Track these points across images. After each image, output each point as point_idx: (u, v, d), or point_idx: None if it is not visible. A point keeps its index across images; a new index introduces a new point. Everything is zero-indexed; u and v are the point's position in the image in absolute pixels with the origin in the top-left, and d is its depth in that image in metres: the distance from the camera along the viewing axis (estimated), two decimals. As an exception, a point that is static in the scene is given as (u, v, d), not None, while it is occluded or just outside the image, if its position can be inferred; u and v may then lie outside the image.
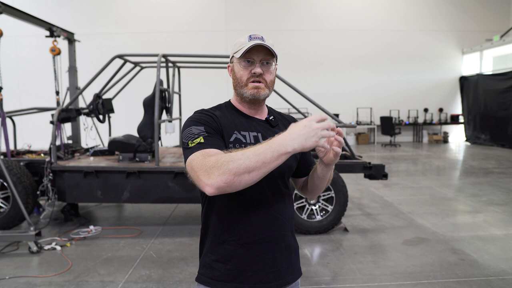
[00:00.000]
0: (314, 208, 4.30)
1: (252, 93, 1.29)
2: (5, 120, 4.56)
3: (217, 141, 1.19)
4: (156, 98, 4.29)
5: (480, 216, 4.94)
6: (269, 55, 1.28)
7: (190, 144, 1.16)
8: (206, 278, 1.30)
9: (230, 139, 1.26)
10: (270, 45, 1.28)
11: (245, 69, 1.29)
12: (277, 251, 1.30)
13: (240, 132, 1.29)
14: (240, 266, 1.26)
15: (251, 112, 1.36)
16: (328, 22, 13.68)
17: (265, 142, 1.05)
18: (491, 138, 12.90)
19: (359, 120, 14.03)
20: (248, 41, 1.27)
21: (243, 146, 1.25)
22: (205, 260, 1.32)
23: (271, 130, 1.34)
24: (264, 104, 1.39)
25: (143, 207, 5.48)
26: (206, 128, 1.21)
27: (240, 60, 1.29)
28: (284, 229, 1.32)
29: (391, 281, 3.19)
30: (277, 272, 1.30)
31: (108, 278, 3.24)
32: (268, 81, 1.30)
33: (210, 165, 1.03)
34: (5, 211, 4.27)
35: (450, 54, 14.30)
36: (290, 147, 1.01)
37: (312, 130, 1.01)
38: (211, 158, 1.06)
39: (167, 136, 5.20)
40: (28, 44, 12.33)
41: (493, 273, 3.28)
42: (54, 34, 5.42)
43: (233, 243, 1.27)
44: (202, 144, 1.15)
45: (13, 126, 5.60)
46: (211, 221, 1.32)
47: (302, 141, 1.01)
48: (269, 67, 1.30)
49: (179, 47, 12.50)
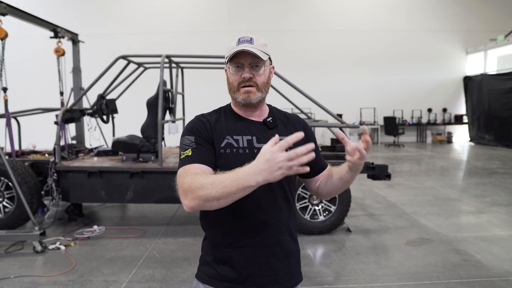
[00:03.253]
0: (317, 209, 4.30)
1: (244, 98, 1.30)
2: (10, 120, 4.60)
3: (203, 153, 1.25)
4: (159, 98, 4.31)
5: (483, 217, 4.92)
6: (257, 58, 1.27)
7: (181, 155, 1.26)
8: (203, 275, 1.33)
9: (221, 144, 1.29)
10: (260, 46, 1.27)
11: (235, 74, 1.30)
12: (271, 255, 1.29)
13: (233, 136, 1.30)
14: (235, 268, 1.27)
15: (248, 115, 1.36)
16: (331, 22, 13.66)
17: (233, 172, 1.05)
18: (495, 139, 12.83)
19: (363, 120, 14.00)
20: (236, 45, 1.28)
21: (234, 151, 1.28)
22: (204, 257, 1.35)
23: (268, 132, 1.33)
24: (263, 105, 1.39)
25: (146, 207, 5.50)
26: (196, 138, 1.27)
27: (230, 65, 1.31)
28: (279, 233, 1.31)
29: (394, 281, 3.19)
30: (272, 276, 1.29)
31: (112, 278, 3.26)
32: (259, 83, 1.30)
33: (185, 187, 1.11)
34: (10, 211, 4.30)
35: (454, 54, 14.24)
36: (253, 181, 1.00)
37: (275, 164, 0.96)
38: (187, 179, 1.12)
39: (170, 136, 5.21)
40: (32, 45, 12.40)
41: (496, 274, 3.27)
42: (58, 35, 5.45)
43: (228, 246, 1.29)
44: (188, 158, 1.23)
45: (17, 126, 5.64)
46: (206, 225, 1.35)
47: (265, 175, 0.98)
48: (258, 69, 1.29)
49: (182, 47, 12.52)
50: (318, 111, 11.60)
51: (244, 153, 1.28)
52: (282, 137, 1.33)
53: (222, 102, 1.48)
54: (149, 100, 4.84)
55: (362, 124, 13.57)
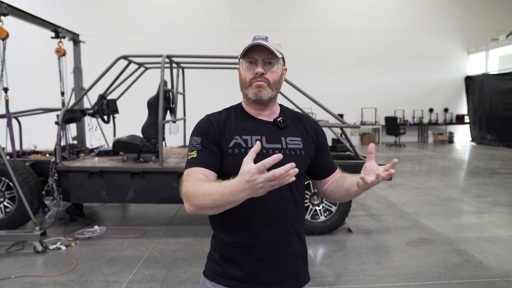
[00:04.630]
0: (318, 209, 4.30)
1: (255, 93, 1.29)
2: (11, 120, 4.60)
3: (207, 156, 1.26)
4: (160, 98, 4.31)
5: (485, 217, 4.91)
6: (271, 55, 1.27)
7: (188, 156, 1.29)
8: (210, 272, 1.34)
9: (229, 144, 1.29)
10: (275, 45, 1.27)
11: (248, 69, 1.30)
12: (278, 255, 1.29)
13: (242, 136, 1.30)
14: (242, 267, 1.28)
15: (258, 114, 1.36)
16: (333, 22, 13.64)
17: (220, 186, 1.05)
18: (497, 138, 12.80)
19: (364, 120, 13.99)
20: (251, 42, 1.28)
21: (243, 151, 1.27)
22: (212, 255, 1.36)
23: (278, 132, 1.33)
24: (275, 104, 1.38)
25: (147, 207, 5.50)
26: (203, 140, 1.29)
27: (243, 61, 1.30)
28: (286, 234, 1.31)
29: (395, 282, 3.18)
30: (279, 276, 1.29)
31: (112, 278, 3.26)
32: (271, 80, 1.29)
33: (184, 193, 1.17)
34: (11, 211, 4.31)
35: (455, 53, 14.21)
36: (239, 198, 1.02)
37: (256, 185, 0.96)
38: (187, 185, 1.18)
39: (171, 136, 5.21)
40: (33, 45, 12.41)
41: (498, 274, 3.26)
42: (59, 35, 5.46)
43: (235, 245, 1.29)
44: (193, 160, 1.26)
45: (18, 126, 5.65)
46: (214, 224, 1.36)
47: (249, 193, 0.99)
48: (271, 66, 1.29)
49: (183, 47, 12.52)
50: (319, 111, 11.59)
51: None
52: (292, 137, 1.34)
53: (222, 102, 1.48)
54: (150, 100, 4.84)
55: (363, 124, 13.56)
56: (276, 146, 1.30)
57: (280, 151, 1.29)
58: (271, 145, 1.30)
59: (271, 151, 1.29)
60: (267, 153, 1.28)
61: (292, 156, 1.30)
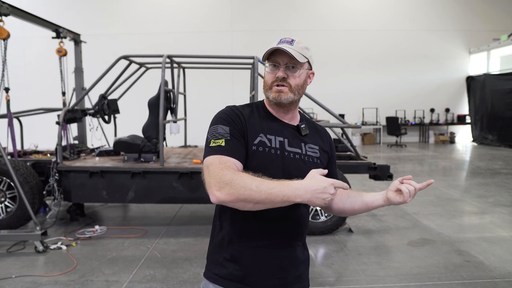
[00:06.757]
0: (319, 209, 4.29)
1: (274, 97, 1.28)
2: (12, 120, 4.61)
3: (237, 146, 1.21)
4: (161, 98, 4.31)
5: (486, 218, 4.90)
6: (294, 60, 1.25)
7: (211, 143, 1.20)
8: (213, 274, 1.31)
9: (254, 141, 1.26)
10: (300, 48, 1.26)
11: (270, 72, 1.29)
12: (285, 259, 1.30)
13: (267, 135, 1.29)
14: (247, 268, 1.27)
15: (280, 116, 1.35)
16: (334, 22, 13.64)
17: (279, 182, 1.09)
18: (498, 139, 12.78)
19: (365, 120, 13.98)
20: (276, 45, 1.27)
21: (267, 150, 1.26)
22: (215, 256, 1.32)
23: (299, 138, 1.33)
24: (295, 108, 1.37)
25: (148, 207, 5.51)
26: (231, 129, 1.23)
27: (267, 63, 1.30)
28: (294, 238, 1.32)
29: (395, 282, 3.17)
30: (283, 279, 1.29)
31: (113, 278, 3.26)
32: (293, 85, 1.28)
33: (225, 180, 1.08)
34: (11, 210, 4.31)
35: (456, 53, 14.19)
36: (299, 198, 1.08)
37: (326, 193, 1.08)
38: (228, 172, 1.10)
39: (172, 136, 5.21)
40: (35, 45, 12.44)
41: (499, 275, 3.25)
42: (60, 36, 5.47)
43: (242, 245, 1.28)
44: (222, 148, 1.18)
45: (20, 126, 5.65)
46: (224, 218, 1.32)
47: (310, 197, 1.08)
48: (294, 71, 1.28)
49: (185, 47, 12.53)
50: (320, 111, 11.58)
51: (275, 154, 1.27)
52: (311, 145, 1.35)
53: (223, 102, 1.47)
54: (151, 100, 4.84)
55: (364, 124, 13.54)
56: (297, 151, 1.30)
57: (300, 156, 1.30)
58: (293, 149, 1.30)
59: (292, 154, 1.29)
60: (288, 156, 1.28)
61: (310, 163, 1.31)
